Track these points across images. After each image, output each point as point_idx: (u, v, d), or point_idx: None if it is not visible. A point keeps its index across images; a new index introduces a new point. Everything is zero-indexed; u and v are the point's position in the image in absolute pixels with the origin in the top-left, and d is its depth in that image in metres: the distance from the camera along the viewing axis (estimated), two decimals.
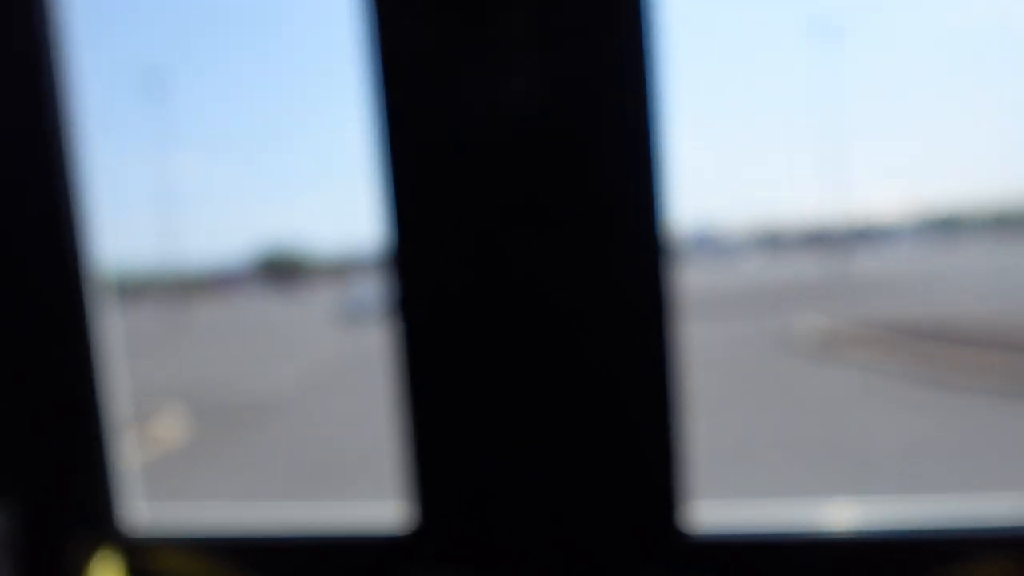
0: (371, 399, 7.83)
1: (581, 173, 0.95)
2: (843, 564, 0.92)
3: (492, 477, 1.00)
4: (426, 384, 1.00)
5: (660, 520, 0.96)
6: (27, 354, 1.15)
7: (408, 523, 1.03)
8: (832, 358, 10.07)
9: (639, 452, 0.96)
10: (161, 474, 6.95)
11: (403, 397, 1.02)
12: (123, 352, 1.22)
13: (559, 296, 0.96)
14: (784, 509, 0.99)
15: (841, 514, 0.96)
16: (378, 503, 1.14)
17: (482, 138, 0.97)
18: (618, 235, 0.95)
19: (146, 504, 1.16)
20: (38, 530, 1.15)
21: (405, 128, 0.98)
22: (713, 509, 0.99)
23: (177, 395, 10.18)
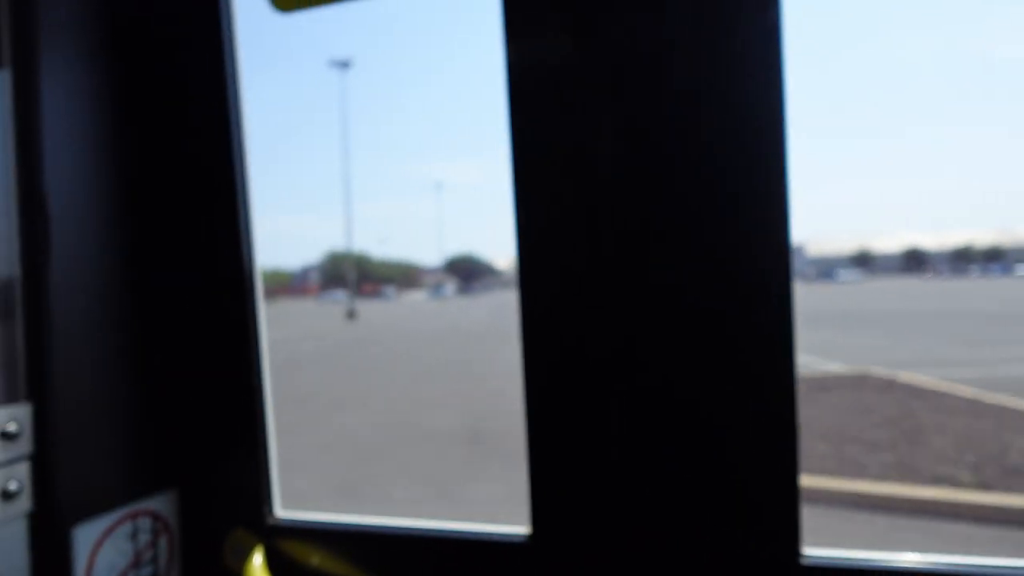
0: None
1: (711, 189, 0.96)
2: None
3: (612, 490, 1.02)
4: (551, 394, 1.04)
5: (775, 545, 0.96)
6: (190, 348, 1.25)
7: (530, 530, 1.07)
8: None
9: (757, 475, 0.96)
10: None
11: (529, 407, 1.05)
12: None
13: (684, 312, 0.98)
14: None
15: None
16: None
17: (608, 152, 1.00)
18: (746, 252, 0.95)
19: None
20: (199, 519, 1.25)
21: (537, 150, 1.03)
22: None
23: None
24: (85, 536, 1.08)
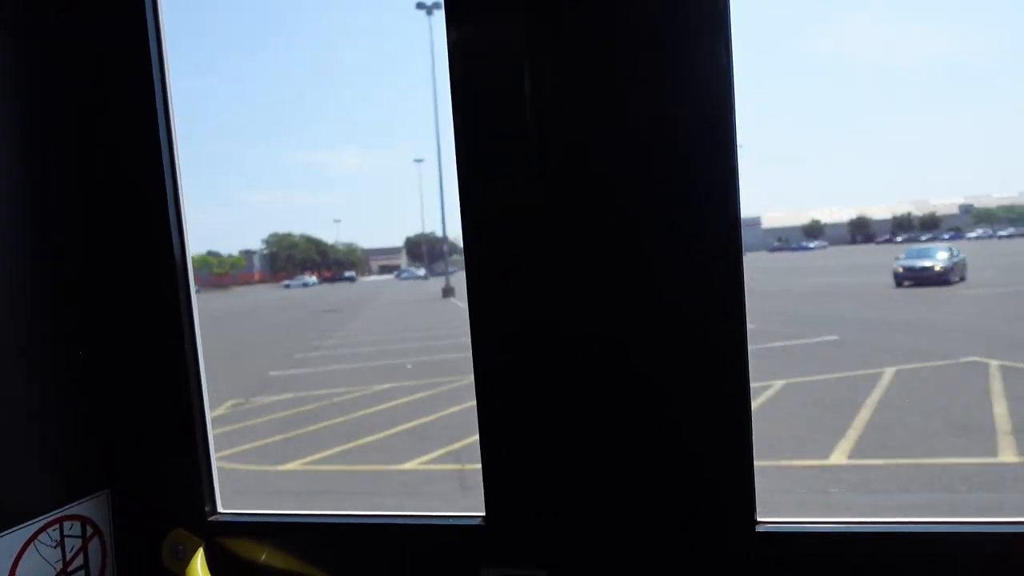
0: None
1: (662, 170, 0.93)
2: (911, 559, 0.90)
3: (564, 475, 0.99)
4: (502, 379, 1.00)
5: (732, 515, 0.95)
6: (118, 343, 1.16)
7: (485, 513, 1.03)
8: None
9: (711, 448, 0.94)
10: None
11: (480, 392, 1.01)
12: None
13: (635, 291, 0.94)
14: None
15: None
16: None
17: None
18: (698, 229, 0.93)
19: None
20: (134, 521, 1.16)
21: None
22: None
23: None
24: (3, 546, 0.98)
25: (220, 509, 1.15)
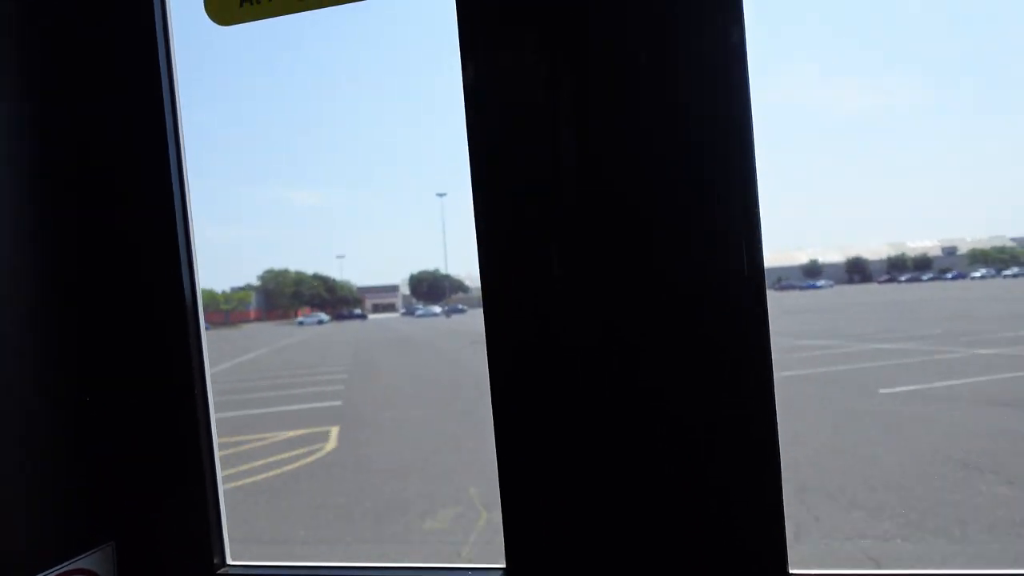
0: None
1: (677, 197, 0.90)
2: None
3: (588, 524, 0.94)
4: (524, 434, 0.95)
5: (762, 565, 0.89)
6: (125, 389, 1.11)
7: (506, 565, 0.98)
8: None
9: (740, 494, 0.90)
10: None
11: (500, 441, 0.96)
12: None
13: (658, 335, 0.91)
14: None
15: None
16: None
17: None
18: (715, 262, 0.89)
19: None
20: (140, 572, 1.10)
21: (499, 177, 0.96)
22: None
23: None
24: None
25: (229, 561, 1.10)
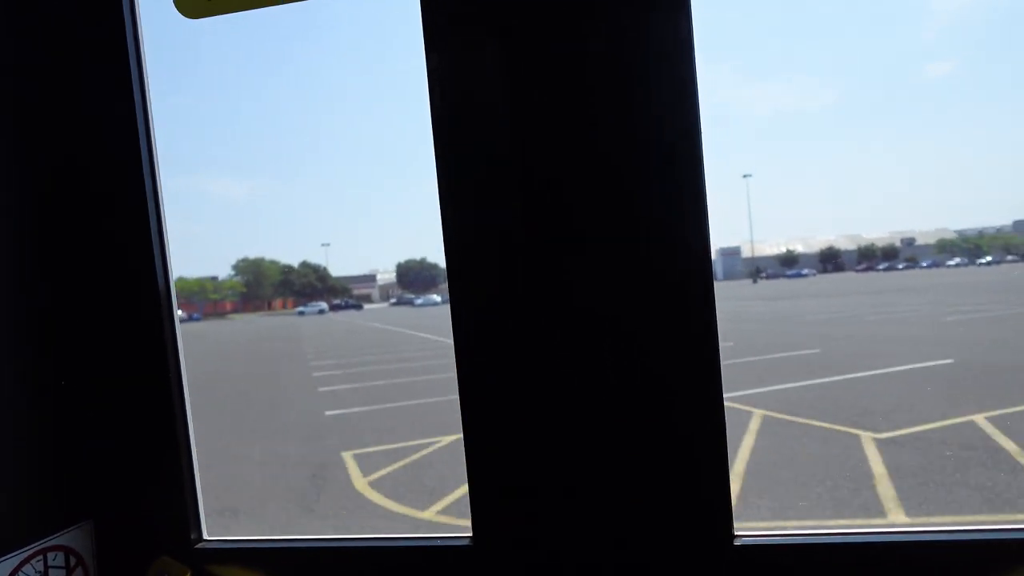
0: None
1: (632, 194, 0.92)
2: (890, 568, 0.88)
3: (551, 491, 0.96)
4: (489, 403, 0.97)
5: (708, 528, 0.92)
6: (101, 369, 1.11)
7: (472, 533, 0.99)
8: None
9: (686, 463, 0.93)
10: None
11: (466, 412, 0.98)
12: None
13: (607, 308, 0.93)
14: None
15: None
16: None
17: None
18: (664, 250, 0.92)
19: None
20: (118, 550, 1.11)
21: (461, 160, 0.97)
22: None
23: None
24: None
25: (206, 536, 1.11)
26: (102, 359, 1.11)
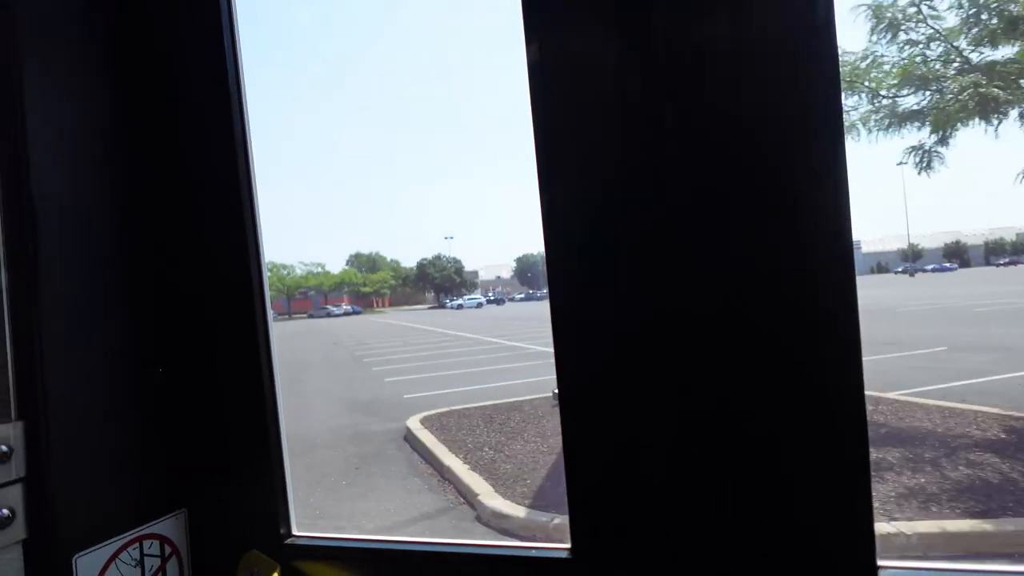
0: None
1: (763, 189, 0.78)
2: None
3: (656, 506, 0.84)
4: (591, 408, 0.86)
5: (847, 559, 0.77)
6: (198, 363, 1.07)
7: (570, 546, 0.89)
8: None
9: (820, 482, 0.77)
10: None
11: (567, 422, 0.88)
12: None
13: (738, 322, 0.79)
14: None
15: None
16: None
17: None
18: (807, 257, 0.76)
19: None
20: (210, 542, 1.07)
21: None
22: None
23: None
24: (88, 564, 0.91)
25: (295, 532, 1.05)
26: (198, 350, 1.07)
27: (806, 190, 0.75)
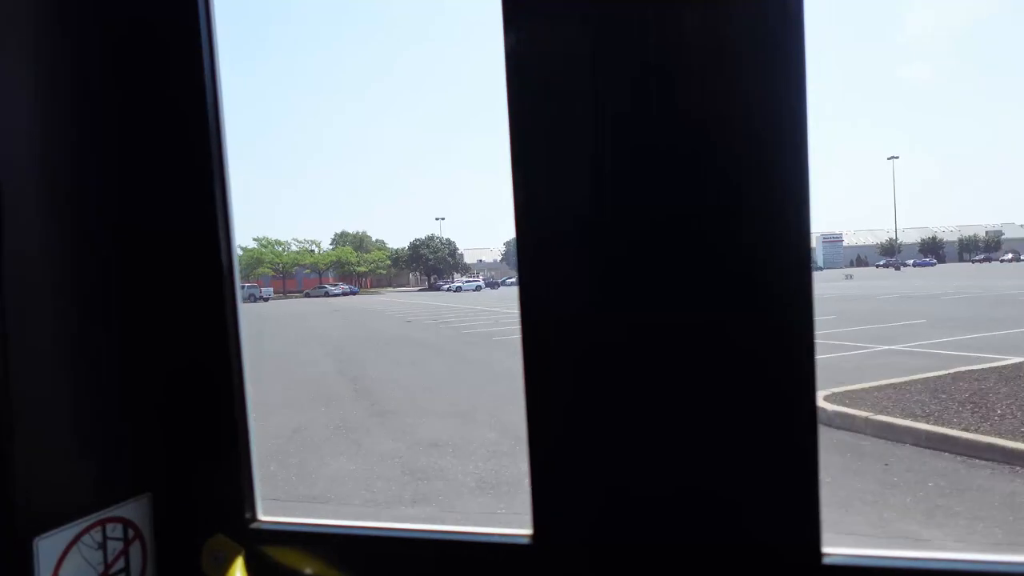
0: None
1: (726, 183, 0.79)
2: None
3: (615, 490, 0.85)
4: (554, 400, 0.87)
5: (795, 546, 0.79)
6: (164, 347, 1.05)
7: (532, 531, 0.90)
8: None
9: (770, 471, 0.79)
10: None
11: (530, 408, 0.88)
12: None
13: (693, 307, 0.80)
14: None
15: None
16: None
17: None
18: (763, 249, 0.78)
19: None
20: (175, 526, 1.06)
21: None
22: None
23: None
24: (49, 547, 0.90)
25: (260, 517, 1.04)
26: (166, 335, 1.05)
27: (772, 179, 0.77)
